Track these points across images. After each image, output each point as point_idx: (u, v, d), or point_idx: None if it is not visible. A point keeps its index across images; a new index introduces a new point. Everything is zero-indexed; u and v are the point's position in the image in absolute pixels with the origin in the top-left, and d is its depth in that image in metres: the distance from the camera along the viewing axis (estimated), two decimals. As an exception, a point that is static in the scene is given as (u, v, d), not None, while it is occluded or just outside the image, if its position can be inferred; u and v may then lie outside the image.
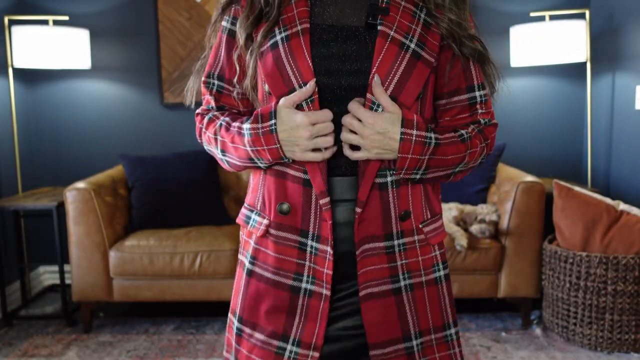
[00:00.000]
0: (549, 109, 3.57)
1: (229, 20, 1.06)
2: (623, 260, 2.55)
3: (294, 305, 1.01)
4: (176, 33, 3.52)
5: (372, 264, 1.01)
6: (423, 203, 1.06)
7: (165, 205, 3.17)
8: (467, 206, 3.00)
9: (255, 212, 1.07)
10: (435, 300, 1.06)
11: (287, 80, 0.98)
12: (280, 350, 1.01)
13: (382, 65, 0.96)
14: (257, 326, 1.05)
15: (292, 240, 1.01)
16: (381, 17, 0.98)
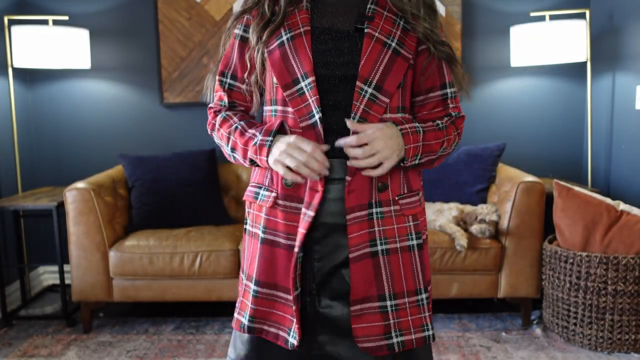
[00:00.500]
0: (549, 108, 3.57)
1: (242, 28, 1.27)
2: (623, 261, 2.55)
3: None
4: (176, 33, 3.52)
5: (357, 230, 1.17)
6: (401, 179, 1.23)
7: (165, 205, 3.17)
8: (467, 206, 3.00)
9: (263, 187, 1.25)
10: (409, 266, 1.21)
11: (291, 71, 1.17)
12: (290, 303, 1.19)
13: (368, 59, 1.16)
14: (276, 287, 1.20)
15: (297, 209, 1.19)
16: (367, 22, 1.18)
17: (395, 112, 1.21)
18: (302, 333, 1.18)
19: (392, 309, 1.18)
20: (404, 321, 1.19)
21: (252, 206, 1.28)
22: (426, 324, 1.23)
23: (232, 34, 1.28)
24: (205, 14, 3.50)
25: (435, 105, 1.26)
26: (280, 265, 1.20)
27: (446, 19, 3.48)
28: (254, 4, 1.24)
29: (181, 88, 3.56)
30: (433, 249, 2.85)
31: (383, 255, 1.18)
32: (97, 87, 3.59)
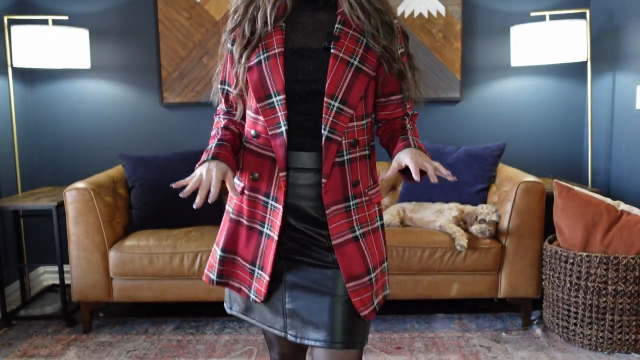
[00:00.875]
0: (549, 108, 3.57)
1: (231, 42, 1.44)
2: (623, 261, 2.55)
3: (259, 243, 1.41)
4: (176, 33, 3.51)
5: (338, 220, 1.37)
6: (367, 175, 1.44)
7: (165, 205, 3.16)
8: (467, 206, 3.00)
9: (236, 177, 1.47)
10: (378, 243, 1.45)
11: (265, 87, 1.35)
12: (251, 270, 1.44)
13: (334, 77, 1.33)
14: (236, 254, 1.46)
15: (259, 199, 1.42)
16: (333, 42, 1.34)
17: (361, 120, 1.40)
18: (269, 292, 1.42)
19: (374, 280, 1.41)
20: (378, 287, 1.44)
21: None
22: (387, 285, 1.52)
23: (225, 47, 1.46)
24: (205, 14, 3.49)
25: (395, 106, 1.48)
26: (241, 240, 1.45)
27: (446, 18, 3.47)
28: (237, 24, 1.41)
29: (181, 88, 3.56)
30: (433, 249, 2.85)
31: (362, 238, 1.39)
32: (97, 87, 3.58)
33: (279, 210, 1.37)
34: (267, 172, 1.39)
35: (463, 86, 3.55)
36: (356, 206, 1.40)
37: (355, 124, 1.38)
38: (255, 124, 1.40)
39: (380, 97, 1.46)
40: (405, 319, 3.06)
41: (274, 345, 1.60)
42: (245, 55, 1.38)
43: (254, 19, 1.39)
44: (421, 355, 2.66)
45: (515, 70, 3.52)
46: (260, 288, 1.41)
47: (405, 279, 2.90)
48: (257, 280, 1.42)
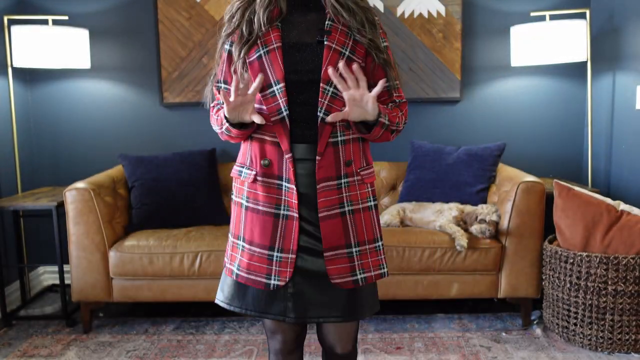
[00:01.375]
0: (549, 108, 3.57)
1: (229, 44, 1.56)
2: (623, 261, 2.55)
3: (276, 226, 1.50)
4: (176, 33, 3.51)
5: (327, 196, 1.50)
6: (360, 156, 1.57)
7: (165, 205, 3.16)
8: (467, 206, 3.00)
9: (245, 167, 1.57)
10: (369, 222, 1.56)
11: (266, 78, 1.48)
12: (270, 256, 1.51)
13: (328, 65, 1.45)
14: (253, 243, 1.53)
15: (273, 184, 1.51)
16: (326, 36, 1.49)
17: None
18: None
19: (356, 254, 1.53)
20: (366, 262, 1.54)
21: (237, 181, 1.60)
22: (382, 264, 1.60)
23: (223, 49, 1.58)
24: (205, 14, 3.49)
25: (382, 94, 1.54)
26: (259, 227, 1.52)
27: (446, 18, 3.48)
28: (235, 27, 1.53)
29: (181, 88, 3.56)
30: (433, 249, 2.85)
31: (350, 214, 1.52)
32: (97, 87, 3.58)
33: (293, 190, 1.49)
34: (276, 158, 1.51)
35: (463, 86, 3.55)
36: (347, 184, 1.53)
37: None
38: (260, 113, 1.49)
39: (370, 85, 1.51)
40: (405, 319, 3.06)
41: (275, 333, 1.64)
42: (244, 50, 1.50)
43: (251, 21, 1.52)
44: (421, 355, 2.66)
45: (515, 70, 3.52)
46: (284, 269, 1.50)
47: (405, 279, 2.90)
48: (278, 263, 1.51)
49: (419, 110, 3.59)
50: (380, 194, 3.45)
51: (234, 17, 1.55)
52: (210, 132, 3.56)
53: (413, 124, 3.59)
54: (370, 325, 3.00)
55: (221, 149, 3.58)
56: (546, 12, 3.27)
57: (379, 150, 3.52)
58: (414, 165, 3.33)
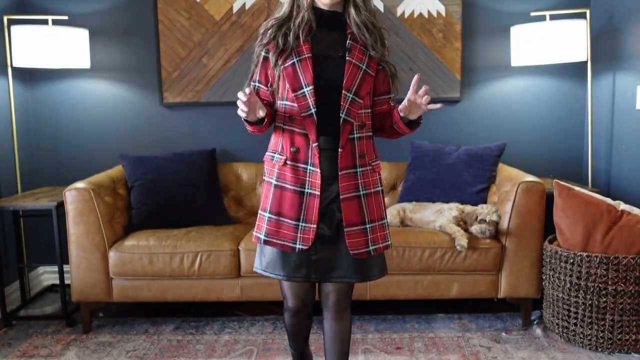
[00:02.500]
0: (549, 108, 3.57)
1: (265, 51, 1.89)
2: (624, 261, 2.54)
3: (301, 202, 1.85)
4: (176, 33, 3.51)
5: (347, 181, 1.85)
6: (371, 150, 1.95)
7: (165, 205, 3.16)
8: (468, 206, 3.00)
9: (277, 153, 1.90)
10: (378, 203, 1.92)
11: (298, 81, 1.83)
12: (296, 226, 1.85)
13: (349, 77, 1.83)
14: (281, 214, 1.87)
15: (300, 167, 1.86)
16: (347, 52, 1.85)
17: (367, 109, 1.91)
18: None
19: (369, 230, 1.87)
20: (375, 237, 1.89)
21: (268, 164, 1.93)
22: (387, 237, 1.95)
23: (259, 54, 1.91)
24: (205, 14, 3.49)
25: (382, 103, 1.95)
26: (287, 202, 1.86)
27: (446, 18, 3.47)
28: (271, 38, 1.87)
29: (181, 88, 3.56)
30: (433, 249, 2.85)
31: (364, 197, 1.88)
32: (97, 87, 3.58)
33: (317, 173, 1.83)
34: (303, 146, 1.85)
35: (463, 86, 3.55)
36: (362, 172, 1.88)
37: (363, 112, 1.88)
38: (292, 110, 1.85)
39: (375, 96, 1.93)
40: (405, 319, 3.06)
41: (288, 297, 1.99)
42: (282, 59, 1.84)
43: (287, 35, 1.85)
44: (421, 355, 2.66)
45: (515, 70, 3.51)
46: (307, 237, 1.84)
47: (405, 279, 2.90)
48: (303, 231, 1.85)
49: (419, 110, 3.58)
50: (380, 194, 3.45)
51: (270, 30, 1.87)
52: (210, 132, 3.60)
53: (413, 124, 3.59)
54: (370, 325, 3.00)
55: (221, 149, 3.58)
56: (546, 12, 3.27)
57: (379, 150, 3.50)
58: (414, 165, 3.32)
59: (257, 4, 3.47)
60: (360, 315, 3.10)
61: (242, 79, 3.43)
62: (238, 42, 3.50)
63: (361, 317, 3.08)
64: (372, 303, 3.14)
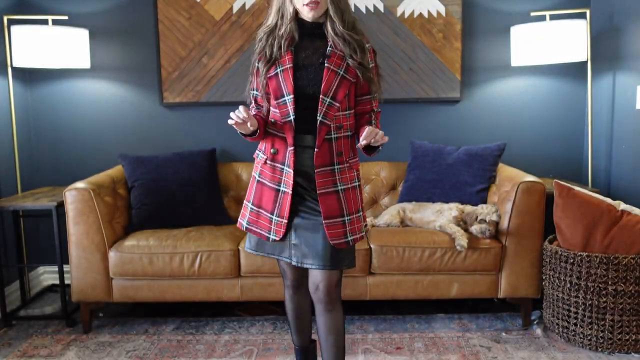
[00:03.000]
0: (549, 108, 3.57)
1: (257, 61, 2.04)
2: (624, 261, 2.54)
3: (276, 198, 2.02)
4: (176, 33, 3.51)
5: (323, 177, 1.98)
6: (349, 149, 2.06)
7: (165, 205, 3.16)
8: (468, 206, 3.00)
9: (261, 151, 2.08)
10: (355, 197, 2.05)
11: (280, 91, 1.99)
12: (270, 219, 2.03)
13: (326, 82, 1.96)
14: (261, 207, 2.06)
15: (277, 167, 2.02)
16: (327, 59, 1.98)
17: (344, 111, 2.03)
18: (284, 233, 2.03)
19: (348, 221, 2.01)
20: (353, 228, 2.02)
21: (256, 160, 2.11)
22: (362, 228, 2.08)
23: (253, 63, 2.07)
24: (205, 14, 3.49)
25: (366, 103, 2.09)
26: (265, 197, 2.05)
27: (446, 18, 3.47)
28: (262, 48, 2.02)
29: (181, 88, 3.56)
30: (433, 249, 2.85)
31: (342, 192, 2.01)
32: (97, 87, 3.58)
33: (290, 174, 1.98)
34: (282, 148, 2.01)
35: (463, 86, 3.55)
36: (339, 170, 2.01)
37: (341, 114, 2.01)
38: (274, 115, 2.02)
39: (358, 96, 2.07)
40: (405, 319, 3.06)
41: (286, 273, 2.19)
42: (266, 69, 2.01)
43: (272, 46, 2.01)
44: (421, 355, 2.66)
45: (515, 70, 3.51)
46: (279, 230, 2.01)
47: (405, 279, 2.90)
48: (276, 224, 2.02)
49: (419, 110, 3.59)
50: (380, 193, 3.45)
51: (261, 41, 2.03)
52: (210, 132, 3.60)
53: (413, 124, 3.59)
54: (370, 325, 3.00)
55: (221, 149, 3.58)
56: (546, 12, 3.27)
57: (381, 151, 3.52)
58: (414, 165, 3.32)
59: (257, 4, 3.47)
60: (360, 315, 3.10)
61: (242, 79, 3.46)
62: (238, 42, 3.50)
63: (361, 317, 3.08)
64: (372, 303, 3.14)
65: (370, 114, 2.10)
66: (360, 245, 2.74)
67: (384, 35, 3.49)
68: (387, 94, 3.50)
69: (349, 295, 2.81)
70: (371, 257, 2.88)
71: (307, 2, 1.94)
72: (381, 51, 3.49)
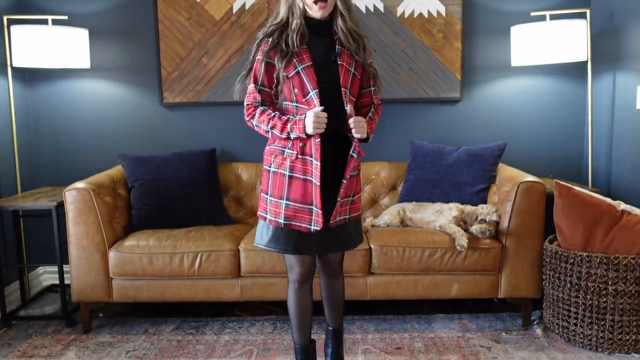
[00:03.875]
0: (549, 108, 3.57)
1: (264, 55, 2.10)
2: (624, 261, 2.54)
3: (310, 190, 2.10)
4: (176, 33, 3.51)
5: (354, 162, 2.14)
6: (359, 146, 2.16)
7: (165, 205, 3.16)
8: (468, 206, 3.00)
9: (287, 147, 2.13)
10: (358, 181, 2.25)
11: (305, 87, 2.08)
12: (310, 210, 2.11)
13: (343, 78, 2.10)
14: (297, 201, 2.11)
15: (307, 160, 2.10)
16: (338, 57, 2.12)
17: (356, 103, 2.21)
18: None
19: (350, 202, 2.19)
20: (353, 207, 2.23)
21: (278, 157, 2.15)
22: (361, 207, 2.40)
23: (257, 58, 2.12)
24: (205, 14, 3.49)
25: (367, 96, 2.25)
26: (300, 190, 2.10)
27: (446, 18, 3.47)
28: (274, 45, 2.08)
29: (181, 88, 3.56)
30: (433, 249, 2.85)
31: (354, 177, 2.18)
32: (97, 86, 3.58)
33: (317, 165, 2.07)
34: (307, 141, 2.09)
35: (463, 86, 3.55)
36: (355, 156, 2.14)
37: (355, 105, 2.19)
38: (300, 110, 2.10)
39: (362, 89, 2.23)
40: (405, 319, 3.06)
41: (294, 267, 2.23)
42: (284, 65, 2.07)
43: (286, 42, 2.08)
44: (421, 355, 2.66)
45: (515, 70, 3.51)
46: (319, 219, 2.10)
47: (405, 279, 2.90)
48: (316, 214, 2.10)
49: (419, 110, 3.59)
50: (380, 193, 3.45)
51: (272, 37, 2.09)
52: (210, 132, 3.60)
53: (413, 124, 3.59)
54: (370, 325, 2.99)
55: (221, 149, 3.58)
56: (546, 12, 3.27)
57: (379, 150, 3.52)
58: (414, 165, 3.32)
59: (257, 4, 3.47)
60: (360, 315, 3.10)
61: (242, 79, 3.46)
62: (238, 42, 3.50)
63: (361, 317, 3.08)
64: (372, 303, 3.14)
65: (370, 107, 2.25)
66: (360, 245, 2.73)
67: (384, 35, 3.49)
68: (387, 94, 3.50)
69: (349, 295, 2.81)
70: (371, 257, 2.88)
71: (317, 0, 2.04)
72: (381, 51, 3.50)
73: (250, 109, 2.18)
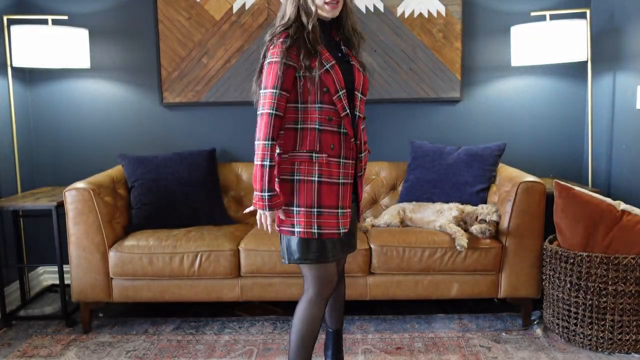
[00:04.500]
0: (549, 108, 3.57)
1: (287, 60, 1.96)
2: (624, 261, 2.54)
3: (339, 190, 2.04)
4: (176, 33, 3.51)
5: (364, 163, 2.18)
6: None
7: (165, 205, 3.16)
8: (468, 206, 3.00)
9: (314, 152, 2.01)
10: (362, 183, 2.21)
11: (336, 87, 2.00)
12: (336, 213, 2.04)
13: (358, 79, 2.09)
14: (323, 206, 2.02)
15: (339, 161, 2.05)
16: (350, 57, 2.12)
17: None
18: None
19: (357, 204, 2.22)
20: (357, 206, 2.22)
21: (303, 164, 2.02)
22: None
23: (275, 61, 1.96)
24: (205, 14, 3.49)
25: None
26: (329, 195, 2.02)
27: (446, 18, 3.47)
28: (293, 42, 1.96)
29: (181, 88, 3.56)
30: (433, 249, 2.85)
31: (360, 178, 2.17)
32: (97, 87, 3.58)
33: (349, 164, 2.06)
34: (337, 142, 2.04)
35: (463, 86, 3.55)
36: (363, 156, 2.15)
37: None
38: (330, 112, 2.01)
39: None
40: (405, 319, 3.06)
41: (332, 280, 2.11)
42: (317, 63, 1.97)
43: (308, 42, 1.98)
44: (421, 355, 2.66)
45: (515, 70, 3.51)
46: (345, 220, 2.06)
47: (405, 279, 2.90)
48: (342, 217, 2.05)
49: (419, 110, 3.59)
50: (380, 194, 3.45)
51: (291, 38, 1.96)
52: (210, 132, 3.60)
53: (413, 124, 3.59)
54: (370, 325, 2.99)
55: (221, 149, 3.58)
56: (546, 12, 3.27)
57: (379, 150, 3.52)
58: (414, 165, 3.32)
59: (257, 4, 3.47)
60: (360, 315, 3.10)
61: (242, 79, 3.47)
62: (238, 42, 3.50)
63: (361, 317, 3.08)
64: (372, 303, 3.14)
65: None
66: (360, 245, 2.75)
67: (384, 35, 3.49)
68: (387, 94, 3.50)
69: (349, 295, 2.81)
70: (371, 257, 2.88)
71: (329, 1, 2.00)
72: (381, 51, 3.49)
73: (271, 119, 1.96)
